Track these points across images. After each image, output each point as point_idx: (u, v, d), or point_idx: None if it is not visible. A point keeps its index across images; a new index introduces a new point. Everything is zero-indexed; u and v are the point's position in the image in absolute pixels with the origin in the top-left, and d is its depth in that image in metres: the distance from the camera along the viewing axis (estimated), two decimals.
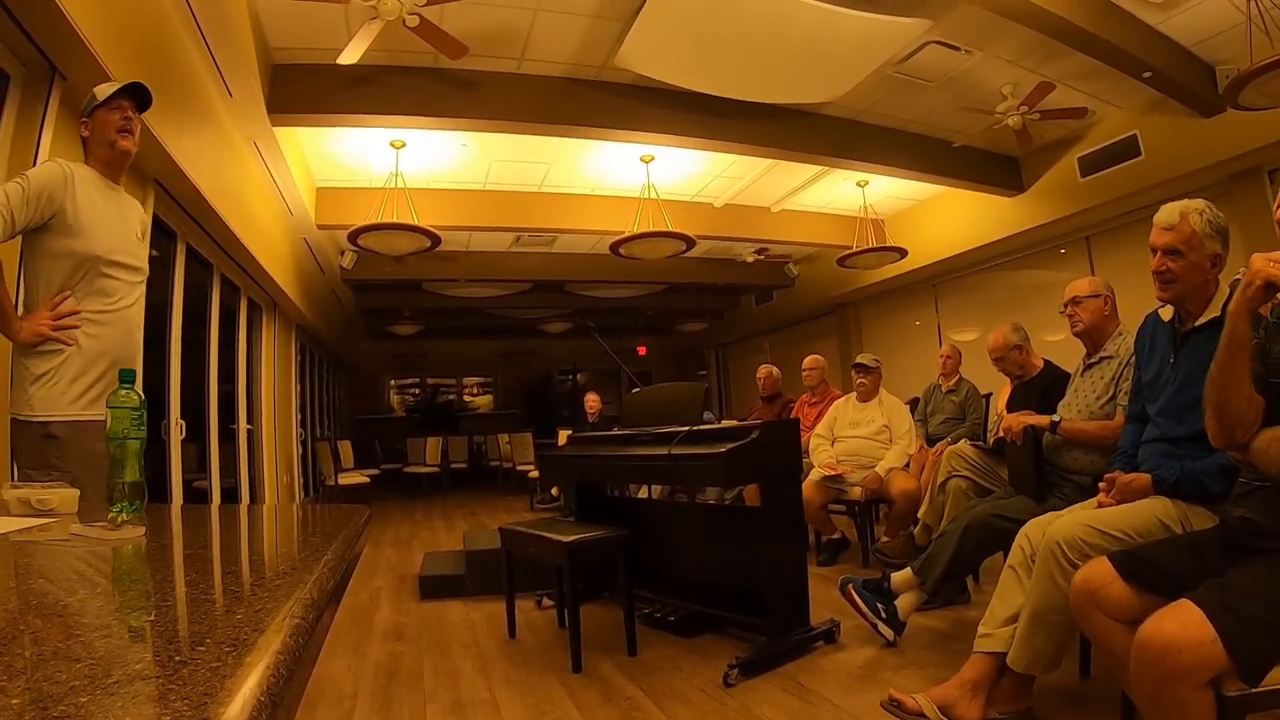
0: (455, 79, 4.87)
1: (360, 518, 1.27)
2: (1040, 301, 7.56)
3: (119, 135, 2.18)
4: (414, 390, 16.40)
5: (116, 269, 2.18)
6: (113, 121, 2.17)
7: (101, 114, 2.17)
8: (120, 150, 2.20)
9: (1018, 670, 2.04)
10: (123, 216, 2.25)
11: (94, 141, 2.20)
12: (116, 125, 2.18)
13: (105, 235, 2.14)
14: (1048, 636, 1.99)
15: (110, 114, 2.17)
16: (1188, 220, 2.03)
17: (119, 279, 2.19)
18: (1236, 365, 1.53)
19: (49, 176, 2.04)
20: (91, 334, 2.12)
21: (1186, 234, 2.03)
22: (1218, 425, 1.60)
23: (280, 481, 7.46)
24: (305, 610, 0.63)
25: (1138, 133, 5.84)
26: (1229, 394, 1.55)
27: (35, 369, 2.05)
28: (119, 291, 2.18)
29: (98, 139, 2.19)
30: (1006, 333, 3.60)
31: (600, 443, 3.93)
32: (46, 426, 2.02)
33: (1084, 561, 1.89)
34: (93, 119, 2.18)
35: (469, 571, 4.21)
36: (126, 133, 2.20)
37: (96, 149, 2.20)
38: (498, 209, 7.24)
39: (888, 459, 4.42)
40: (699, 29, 4.29)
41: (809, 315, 11.57)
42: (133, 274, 2.25)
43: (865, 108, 5.81)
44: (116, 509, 1.13)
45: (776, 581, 2.92)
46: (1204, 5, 4.38)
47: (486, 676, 2.84)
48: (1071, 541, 1.94)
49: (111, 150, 2.19)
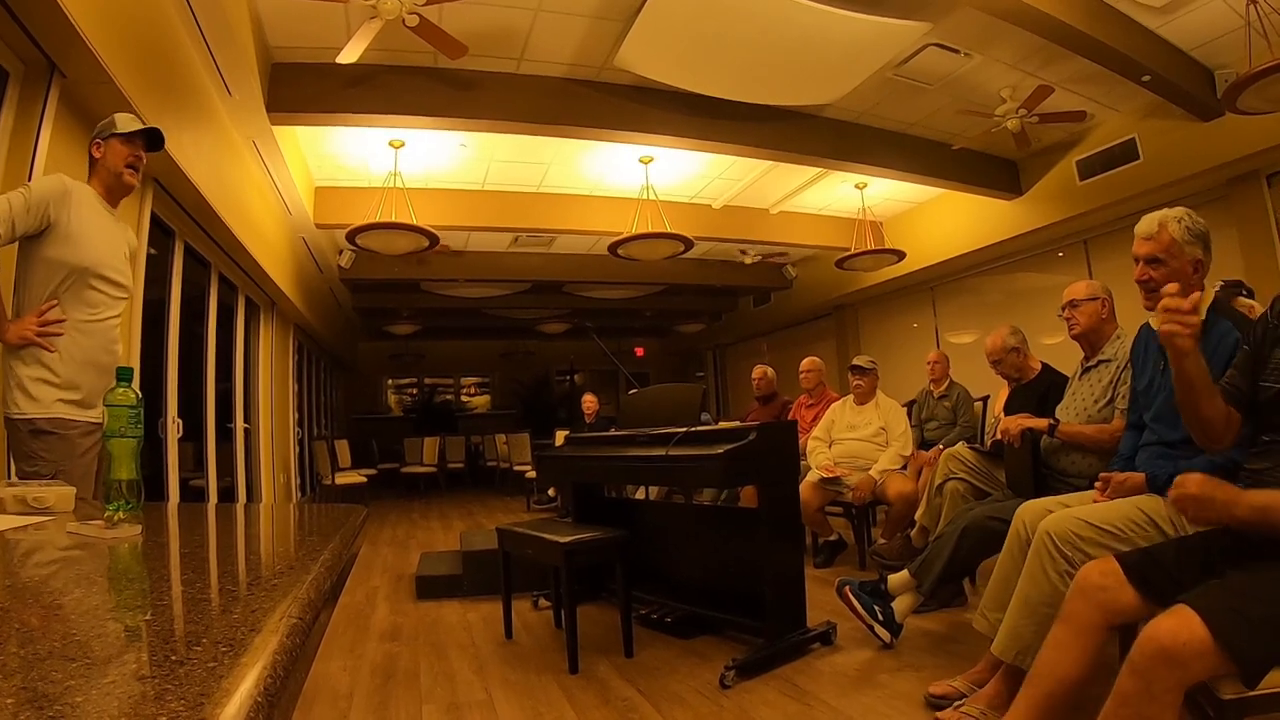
0: (455, 79, 4.87)
1: (357, 517, 1.27)
2: (1038, 304, 7.58)
3: (127, 170, 2.34)
4: (411, 390, 16.39)
5: (103, 283, 2.30)
6: (124, 155, 2.33)
7: (116, 144, 2.32)
8: (125, 183, 2.36)
9: (1005, 660, 2.07)
10: (115, 237, 2.38)
11: (103, 166, 2.33)
12: (126, 159, 2.33)
13: (96, 250, 2.26)
14: (1036, 629, 1.99)
15: (124, 147, 2.33)
16: (1166, 229, 2.10)
17: (104, 292, 2.31)
18: (1192, 399, 1.71)
19: (50, 189, 2.17)
20: (75, 341, 2.23)
21: (1166, 242, 2.10)
22: (1199, 438, 1.79)
23: (277, 481, 7.45)
24: (302, 610, 0.63)
25: (1136, 136, 5.85)
26: (1196, 418, 1.74)
27: (21, 371, 2.16)
28: (102, 304, 2.30)
29: (107, 165, 2.32)
30: (1004, 335, 3.60)
31: (598, 443, 3.93)
32: (33, 422, 2.13)
33: (1075, 554, 1.92)
34: (107, 145, 2.32)
35: (466, 572, 4.20)
36: (134, 170, 2.36)
37: (103, 174, 2.34)
38: (497, 209, 7.24)
39: (881, 461, 4.42)
40: (698, 30, 4.30)
41: (807, 317, 11.58)
42: (117, 289, 2.37)
43: (864, 110, 5.81)
44: (113, 507, 1.12)
45: (773, 583, 2.92)
46: (1203, 9, 4.39)
47: (483, 677, 2.84)
48: (1063, 535, 1.97)
49: (117, 180, 2.34)
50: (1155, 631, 1.43)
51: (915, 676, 2.60)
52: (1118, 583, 1.66)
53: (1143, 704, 1.43)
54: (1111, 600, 1.65)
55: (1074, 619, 1.71)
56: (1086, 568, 1.76)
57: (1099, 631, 1.66)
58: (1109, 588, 1.67)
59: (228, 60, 3.88)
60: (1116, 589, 1.66)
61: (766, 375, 5.91)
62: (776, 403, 5.88)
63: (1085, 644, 1.66)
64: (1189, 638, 1.39)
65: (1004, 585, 2.28)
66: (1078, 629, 1.69)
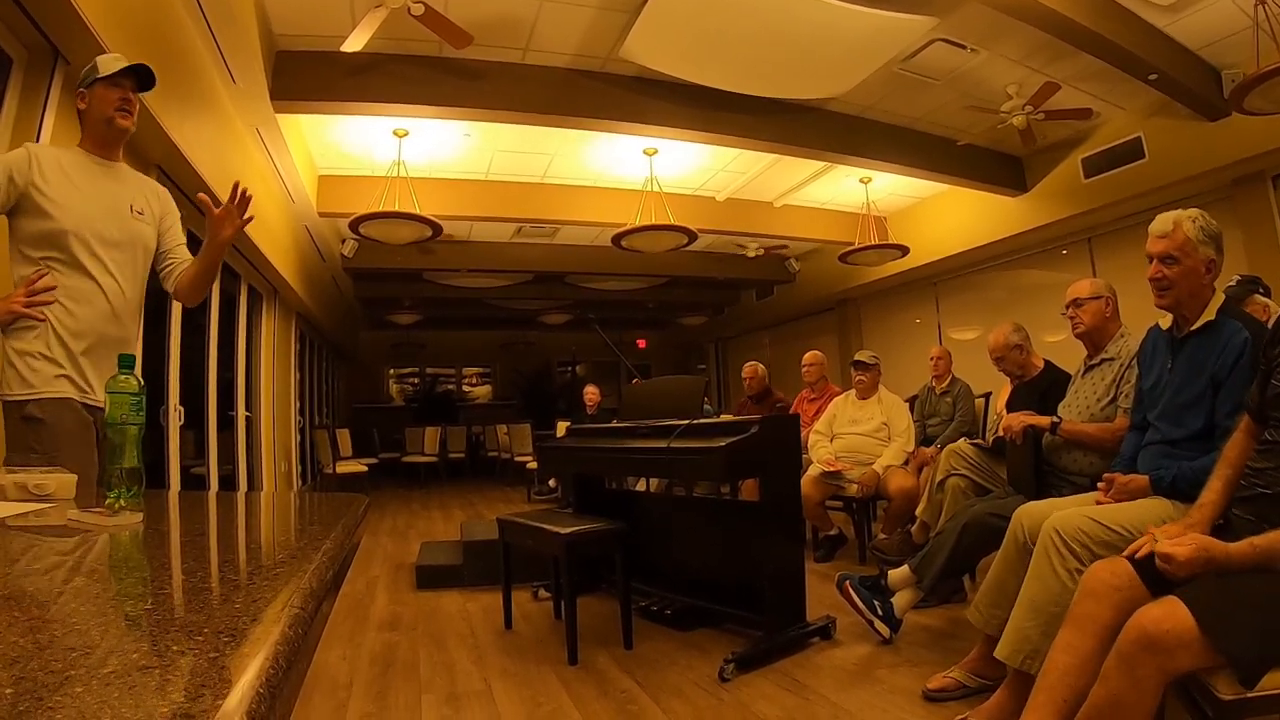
0: (459, 68, 4.85)
1: (359, 506, 1.27)
2: (1041, 302, 7.56)
3: (117, 114, 2.12)
4: (413, 380, 16.40)
5: (97, 244, 2.10)
6: (111, 99, 2.11)
7: (101, 89, 2.11)
8: (118, 129, 2.14)
9: (1012, 665, 2.02)
10: (111, 192, 2.18)
11: (90, 116, 2.14)
12: (115, 103, 2.12)
13: (79, 212, 2.06)
14: (1043, 631, 1.95)
15: (110, 91, 2.11)
16: (1181, 228, 2.11)
17: (98, 256, 2.11)
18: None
19: (11, 158, 2.00)
20: (69, 310, 2.05)
21: (1180, 241, 2.11)
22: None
23: (278, 469, 7.46)
24: (304, 600, 0.63)
25: (1142, 135, 5.83)
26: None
27: (13, 346, 2.00)
28: (98, 270, 2.10)
29: (95, 114, 2.13)
30: (1007, 333, 3.59)
31: (599, 435, 3.93)
32: (23, 406, 1.97)
33: (1083, 552, 1.90)
34: (91, 92, 2.12)
35: (466, 562, 4.21)
36: (125, 112, 2.14)
37: (92, 124, 2.14)
38: (500, 199, 7.23)
39: (885, 457, 4.42)
40: (704, 22, 4.28)
41: (810, 311, 11.56)
42: (118, 250, 2.16)
43: (870, 104, 5.79)
44: (114, 495, 1.12)
45: (773, 577, 2.92)
46: (1211, 8, 4.36)
47: (482, 667, 2.85)
48: (1072, 532, 1.95)
49: (108, 128, 2.13)
50: (1142, 619, 1.45)
51: (914, 672, 2.60)
52: (1130, 582, 1.65)
53: (1125, 689, 1.44)
54: (1125, 600, 1.62)
55: (1085, 620, 1.67)
56: (1095, 568, 1.74)
57: (1111, 632, 1.60)
58: (1122, 588, 1.65)
59: (232, 48, 3.87)
60: (1129, 588, 1.64)
61: (758, 373, 5.75)
62: (770, 400, 5.69)
63: (1097, 645, 1.62)
64: (1173, 626, 1.40)
65: (999, 582, 2.29)
66: (1090, 630, 1.65)
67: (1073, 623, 1.70)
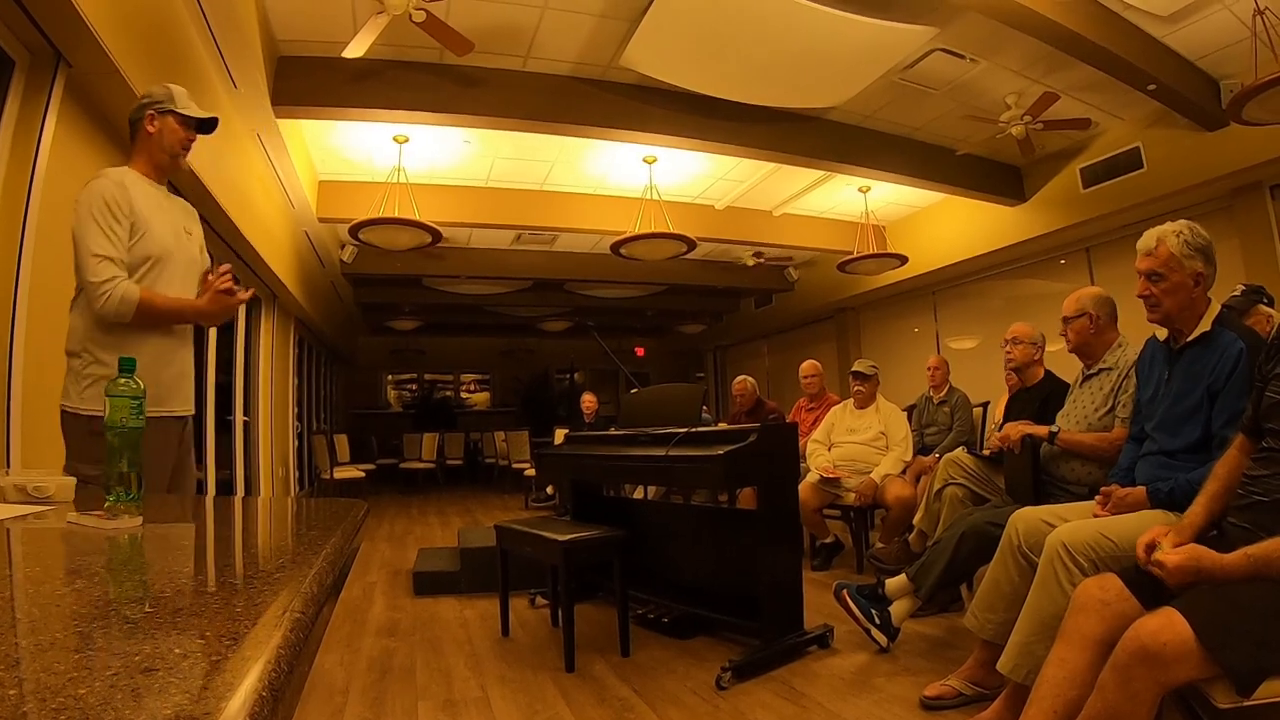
0: (460, 75, 4.86)
1: (358, 512, 1.27)
2: (1039, 312, 7.55)
3: (183, 151, 2.24)
4: (411, 386, 16.37)
5: (171, 265, 2.17)
6: (182, 137, 2.22)
7: (174, 122, 2.20)
8: (176, 165, 2.27)
9: (1015, 680, 2.00)
10: (171, 214, 2.25)
11: (156, 142, 2.20)
12: (183, 140, 2.23)
13: (159, 235, 2.14)
14: (1048, 645, 1.92)
15: (179, 128, 2.21)
16: (1165, 244, 2.12)
17: (174, 276, 2.18)
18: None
19: (103, 189, 2.03)
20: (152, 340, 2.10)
21: (1164, 257, 2.12)
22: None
23: (276, 474, 7.44)
24: (305, 604, 0.63)
25: (1140, 145, 5.84)
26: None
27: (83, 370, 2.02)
28: (173, 289, 2.17)
29: (162, 143, 2.20)
30: (1032, 331, 3.60)
31: (598, 442, 3.93)
32: (92, 421, 1.95)
33: (1089, 567, 1.89)
34: (164, 120, 2.19)
35: (463, 568, 4.20)
36: (187, 150, 2.26)
37: (154, 150, 2.21)
38: (500, 206, 7.23)
39: (883, 466, 4.42)
40: (705, 31, 4.29)
41: (808, 320, 11.57)
42: (184, 269, 2.24)
43: (869, 113, 5.81)
44: (113, 498, 1.12)
45: (771, 585, 2.92)
46: (1210, 19, 4.38)
47: (479, 674, 2.84)
48: (1079, 547, 1.94)
49: (171, 161, 2.23)
50: (1139, 631, 1.44)
51: (911, 680, 2.60)
52: (1119, 596, 1.65)
53: (1120, 700, 1.44)
54: (1115, 615, 1.62)
55: (1075, 635, 1.68)
56: (1085, 583, 1.75)
57: (1102, 647, 1.61)
58: (1111, 602, 1.65)
59: (233, 52, 3.87)
60: (1118, 602, 1.64)
61: (747, 388, 5.68)
62: (763, 413, 5.59)
63: (1088, 659, 1.62)
64: (1171, 638, 1.40)
65: (995, 588, 2.29)
66: (1080, 644, 1.65)
67: (1064, 637, 1.71)
